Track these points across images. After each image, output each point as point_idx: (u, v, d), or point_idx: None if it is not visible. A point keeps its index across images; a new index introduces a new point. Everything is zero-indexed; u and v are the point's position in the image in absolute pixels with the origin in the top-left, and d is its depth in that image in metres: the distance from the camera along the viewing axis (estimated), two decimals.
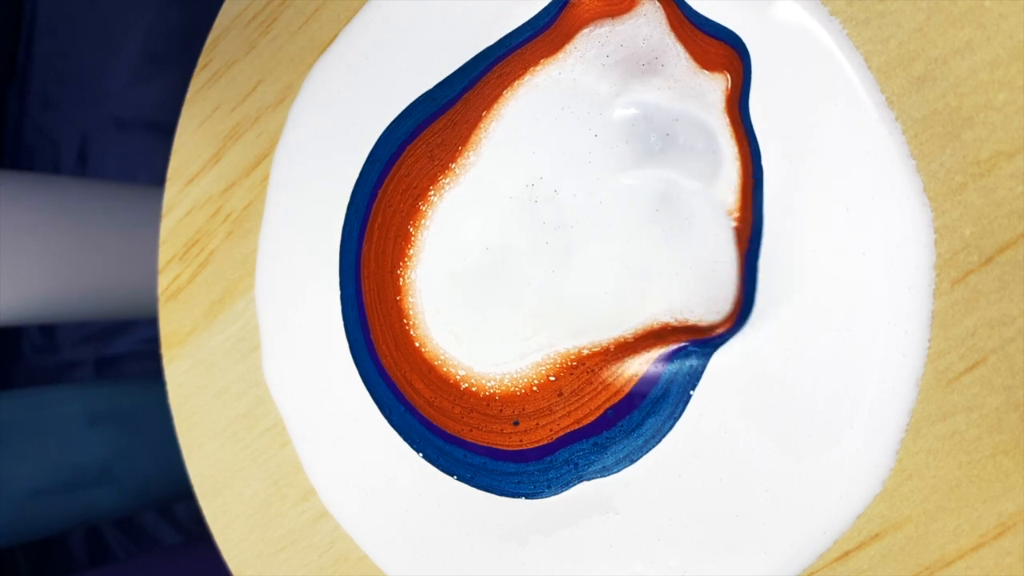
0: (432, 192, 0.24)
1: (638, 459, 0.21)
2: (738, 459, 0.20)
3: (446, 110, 0.24)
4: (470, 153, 0.24)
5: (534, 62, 0.23)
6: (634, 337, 0.22)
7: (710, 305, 0.21)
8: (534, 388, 0.23)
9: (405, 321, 0.25)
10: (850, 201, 0.19)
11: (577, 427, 0.22)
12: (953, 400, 0.18)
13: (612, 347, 0.22)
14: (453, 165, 0.24)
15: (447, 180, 0.24)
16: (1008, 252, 0.18)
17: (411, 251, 0.25)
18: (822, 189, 0.19)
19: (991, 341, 0.18)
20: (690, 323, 0.21)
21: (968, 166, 0.18)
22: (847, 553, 0.19)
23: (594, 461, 0.22)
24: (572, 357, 0.22)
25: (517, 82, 0.23)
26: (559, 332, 0.22)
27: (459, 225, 0.24)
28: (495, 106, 0.23)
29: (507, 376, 0.23)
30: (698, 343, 0.20)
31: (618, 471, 0.22)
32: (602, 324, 0.22)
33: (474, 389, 0.24)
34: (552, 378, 0.23)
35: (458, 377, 0.24)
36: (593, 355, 0.22)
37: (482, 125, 0.23)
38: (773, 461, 0.20)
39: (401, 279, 0.25)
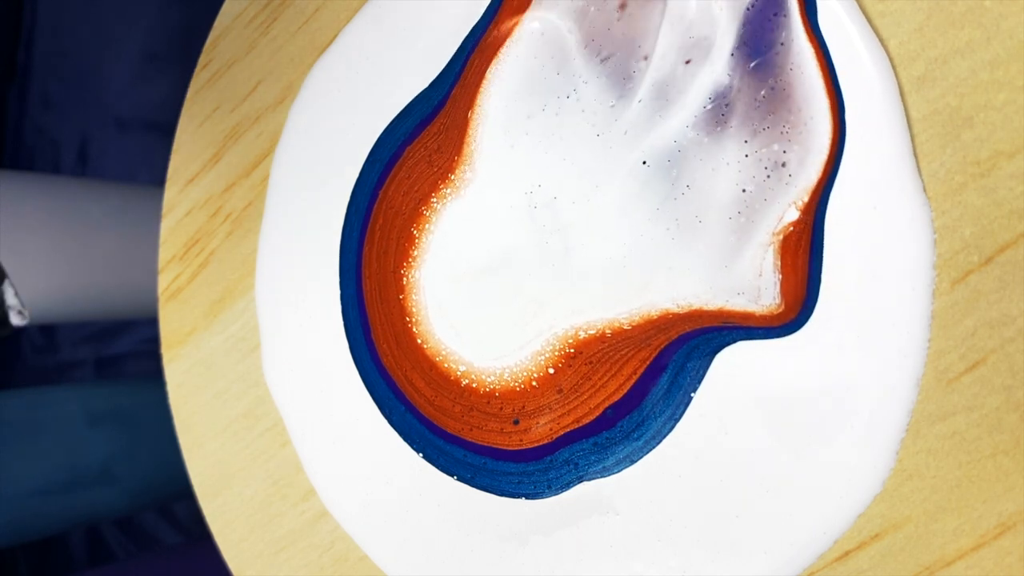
0: (435, 198, 0.24)
1: (638, 459, 0.21)
2: (739, 460, 0.20)
3: (439, 111, 0.24)
4: (466, 167, 0.24)
5: (508, 31, 0.23)
6: (631, 325, 0.22)
7: (729, 297, 0.20)
8: (533, 383, 0.23)
9: (408, 319, 0.25)
10: (851, 202, 0.19)
11: (577, 426, 0.22)
12: (953, 400, 0.18)
13: (609, 332, 0.22)
14: (452, 176, 0.24)
15: (448, 190, 0.24)
16: (1008, 252, 0.18)
17: (415, 252, 0.25)
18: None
19: (991, 341, 0.18)
20: (727, 310, 0.20)
21: (968, 166, 0.18)
22: (847, 553, 0.19)
23: (594, 461, 0.22)
24: (570, 342, 0.22)
25: (494, 60, 0.23)
26: (558, 312, 0.22)
27: (462, 230, 0.24)
28: (477, 99, 0.23)
29: (507, 370, 0.23)
30: (737, 331, 0.20)
31: (618, 471, 0.22)
32: (600, 302, 0.22)
33: (474, 386, 0.24)
34: (551, 370, 0.23)
35: (459, 373, 0.24)
36: (591, 340, 0.22)
37: (470, 131, 0.24)
38: (773, 461, 0.20)
39: (404, 278, 0.25)
